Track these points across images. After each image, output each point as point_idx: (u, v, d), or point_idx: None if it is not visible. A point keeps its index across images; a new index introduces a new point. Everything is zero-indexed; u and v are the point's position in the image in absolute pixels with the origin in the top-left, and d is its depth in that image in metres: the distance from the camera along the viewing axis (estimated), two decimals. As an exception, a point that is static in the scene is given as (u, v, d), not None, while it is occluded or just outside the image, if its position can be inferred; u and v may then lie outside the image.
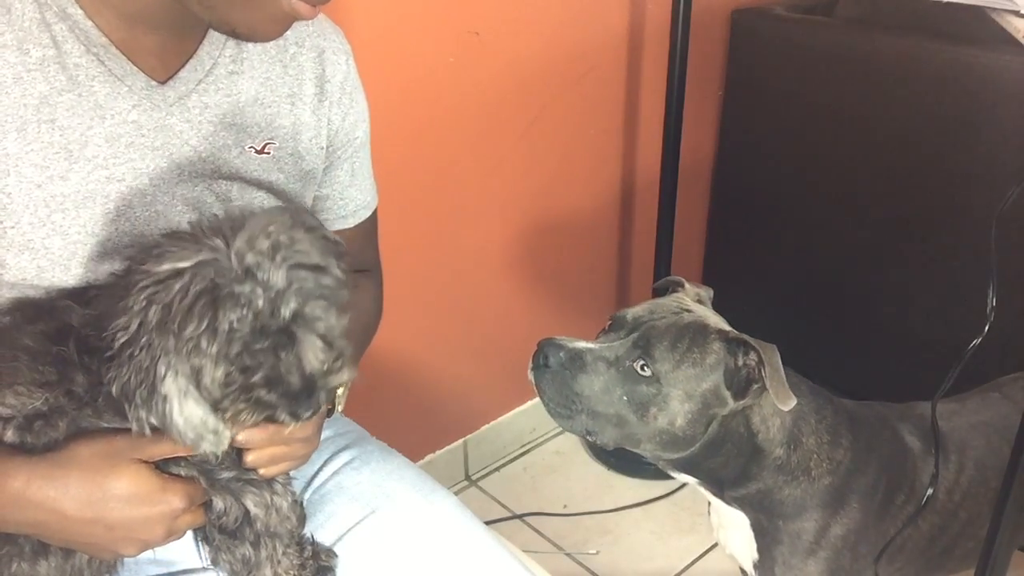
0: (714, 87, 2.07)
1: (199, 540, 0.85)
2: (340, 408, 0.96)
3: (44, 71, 0.77)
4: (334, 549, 0.94)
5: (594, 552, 1.78)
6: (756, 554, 1.14)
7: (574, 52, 1.78)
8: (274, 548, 0.85)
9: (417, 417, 1.82)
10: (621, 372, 0.99)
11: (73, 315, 0.76)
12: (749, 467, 1.06)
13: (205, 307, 0.68)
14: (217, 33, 0.86)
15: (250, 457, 0.80)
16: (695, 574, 1.75)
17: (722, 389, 1.00)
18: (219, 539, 0.83)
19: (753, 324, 1.07)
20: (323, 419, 0.90)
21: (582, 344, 1.01)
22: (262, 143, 0.90)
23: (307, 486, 1.00)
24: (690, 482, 1.10)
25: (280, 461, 0.83)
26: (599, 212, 2.01)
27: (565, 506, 1.90)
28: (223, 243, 0.70)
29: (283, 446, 0.82)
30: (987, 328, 1.01)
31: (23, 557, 0.77)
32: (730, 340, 1.00)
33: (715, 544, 1.74)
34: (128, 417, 0.70)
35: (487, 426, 1.99)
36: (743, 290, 1.10)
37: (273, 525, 0.84)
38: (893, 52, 1.73)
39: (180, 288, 0.68)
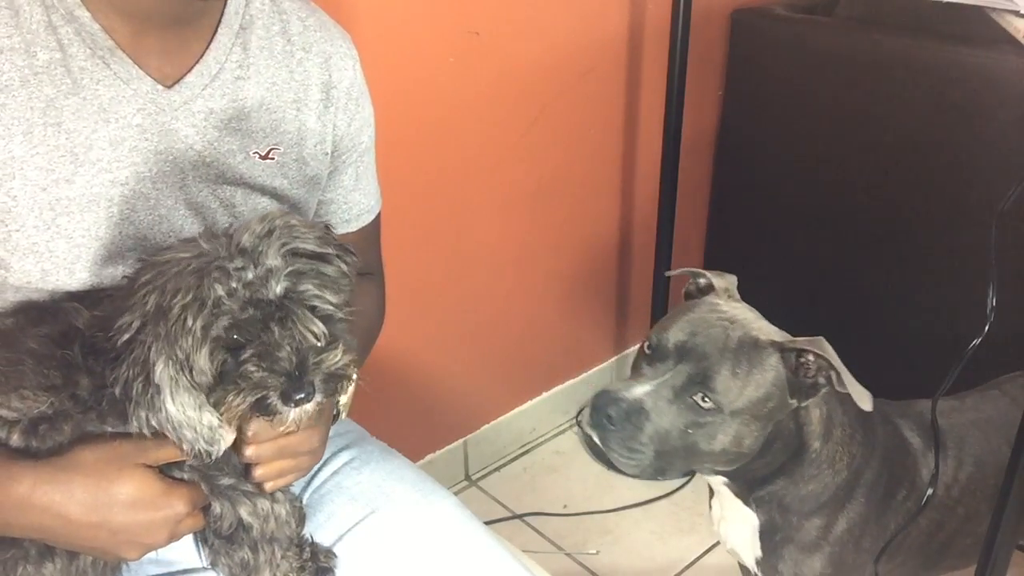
0: (714, 87, 2.07)
1: (199, 542, 0.85)
2: (344, 415, 0.96)
3: (51, 74, 0.77)
4: (333, 550, 0.94)
5: (594, 552, 1.78)
6: (760, 551, 1.14)
7: (574, 52, 1.78)
8: (273, 552, 0.84)
9: (417, 417, 1.81)
10: (683, 409, 0.96)
11: (79, 318, 0.76)
12: (787, 463, 1.05)
13: (193, 279, 0.68)
14: (224, 38, 0.86)
15: (258, 472, 0.80)
16: (695, 574, 1.75)
17: (786, 399, 0.99)
18: (217, 543, 0.83)
19: (753, 324, 1.06)
20: (328, 428, 0.89)
21: (639, 390, 0.97)
22: (266, 148, 0.89)
23: (307, 486, 1.00)
24: (714, 483, 1.09)
25: (287, 474, 0.83)
26: (599, 212, 2.01)
27: (565, 506, 1.90)
28: (226, 239, 0.72)
29: (290, 459, 0.82)
30: (987, 328, 1.01)
31: (28, 560, 0.78)
32: (785, 350, 0.98)
33: (715, 544, 1.75)
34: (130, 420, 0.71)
35: (487, 426, 1.98)
36: (743, 290, 1.10)
37: (271, 531, 0.83)
38: (893, 52, 1.73)
39: (176, 272, 0.69)
